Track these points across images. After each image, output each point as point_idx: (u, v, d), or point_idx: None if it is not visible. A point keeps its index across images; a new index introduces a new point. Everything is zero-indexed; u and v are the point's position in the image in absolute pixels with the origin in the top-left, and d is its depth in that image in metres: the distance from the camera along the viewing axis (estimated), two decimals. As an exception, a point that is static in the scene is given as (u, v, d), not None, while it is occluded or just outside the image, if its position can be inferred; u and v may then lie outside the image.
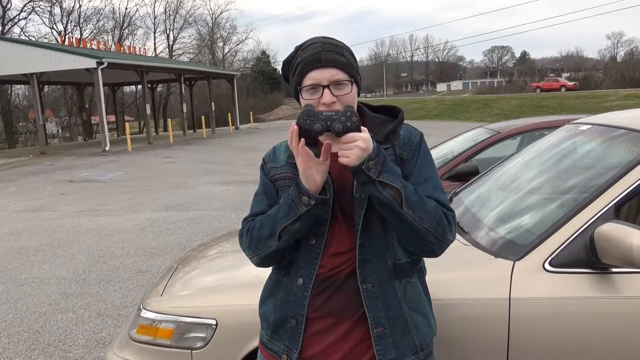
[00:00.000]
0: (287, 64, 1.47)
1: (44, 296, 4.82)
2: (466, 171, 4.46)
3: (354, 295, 1.43)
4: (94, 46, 24.55)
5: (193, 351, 2.11)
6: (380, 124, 1.49)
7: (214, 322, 2.08)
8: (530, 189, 2.59)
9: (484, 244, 2.13)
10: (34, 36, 41.00)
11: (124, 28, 47.01)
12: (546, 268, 1.88)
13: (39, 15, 57.97)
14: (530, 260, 1.91)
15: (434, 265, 2.04)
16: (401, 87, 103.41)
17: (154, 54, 46.15)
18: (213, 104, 28.85)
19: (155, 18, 63.39)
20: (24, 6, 38.53)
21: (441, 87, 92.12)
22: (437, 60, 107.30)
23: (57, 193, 10.81)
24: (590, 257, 1.84)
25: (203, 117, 27.55)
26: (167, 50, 51.39)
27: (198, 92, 37.24)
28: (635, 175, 1.92)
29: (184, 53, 52.35)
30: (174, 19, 51.61)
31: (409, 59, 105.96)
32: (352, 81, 1.41)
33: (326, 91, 1.37)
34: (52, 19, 43.20)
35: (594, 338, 1.84)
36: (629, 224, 1.76)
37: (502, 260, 1.96)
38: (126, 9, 64.25)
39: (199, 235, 6.59)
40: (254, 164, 14.05)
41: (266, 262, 1.52)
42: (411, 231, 1.36)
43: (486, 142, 4.88)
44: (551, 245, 1.90)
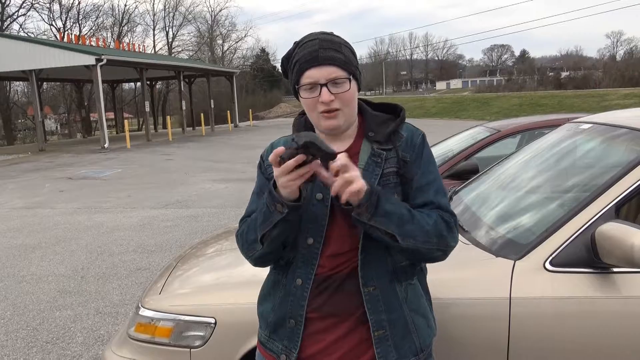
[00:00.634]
0: (286, 60, 1.45)
1: (42, 293, 4.81)
2: (466, 170, 4.45)
3: (353, 295, 1.41)
4: (93, 43, 24.52)
5: (192, 350, 2.10)
6: (381, 122, 1.47)
7: (212, 321, 2.07)
8: (530, 188, 2.58)
9: (484, 243, 2.12)
10: (32, 33, 41.11)
11: (123, 25, 46.98)
12: (547, 267, 1.87)
13: (38, 12, 57.90)
14: (530, 260, 1.90)
15: (434, 265, 2.03)
16: (400, 85, 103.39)
17: (153, 51, 46.10)
18: (212, 101, 28.85)
19: (154, 15, 63.46)
20: (23, 2, 38.49)
21: (440, 86, 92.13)
22: (437, 58, 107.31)
23: (55, 190, 10.80)
24: (591, 256, 1.83)
25: (202, 114, 27.54)
26: (167, 47, 51.35)
27: (197, 90, 37.24)
28: (636, 174, 1.92)
29: (183, 50, 52.38)
30: (173, 16, 51.61)
31: (408, 57, 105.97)
32: (351, 78, 1.38)
33: (324, 89, 1.35)
34: (51, 16, 43.29)
35: (594, 338, 1.83)
36: (630, 223, 1.75)
37: (503, 260, 1.95)
38: (125, 5, 64.24)
39: (197, 233, 6.58)
40: (252, 161, 14.04)
41: (260, 263, 1.49)
42: (413, 252, 1.36)
43: (486, 141, 4.87)
44: (552, 245, 1.89)
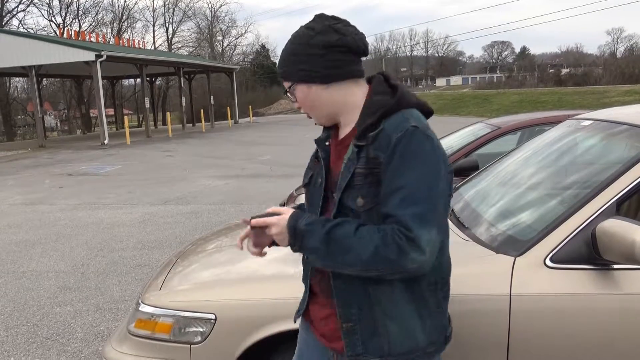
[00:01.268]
0: None
1: (42, 289, 4.81)
2: (466, 166, 4.43)
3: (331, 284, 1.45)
4: (92, 39, 24.50)
5: (192, 346, 2.10)
6: (371, 112, 1.36)
7: (212, 317, 2.07)
8: (531, 184, 2.58)
9: (485, 239, 2.12)
10: (32, 28, 40.98)
11: (122, 21, 46.83)
12: (547, 264, 1.87)
13: (37, 8, 57.69)
14: (531, 256, 1.90)
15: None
16: (401, 82, 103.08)
17: (153, 47, 46.04)
18: (212, 97, 28.82)
19: (154, 11, 63.39)
20: (23, -2, 38.35)
21: (441, 82, 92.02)
22: (437, 55, 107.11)
23: (55, 186, 10.79)
24: (591, 253, 1.83)
25: (202, 110, 27.50)
26: (166, 43, 51.23)
27: (197, 86, 37.16)
28: (638, 171, 1.91)
29: (183, 46, 52.21)
30: (173, 12, 51.44)
31: (408, 54, 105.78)
32: (293, 84, 1.42)
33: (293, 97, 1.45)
34: (51, 11, 43.18)
35: (595, 334, 1.83)
36: (631, 220, 1.75)
37: (503, 256, 1.95)
38: (125, 1, 63.84)
39: (197, 229, 6.58)
40: (252, 158, 14.04)
41: None
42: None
43: (486, 137, 4.86)
44: (552, 241, 1.89)
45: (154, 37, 51.58)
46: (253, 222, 1.42)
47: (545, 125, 4.59)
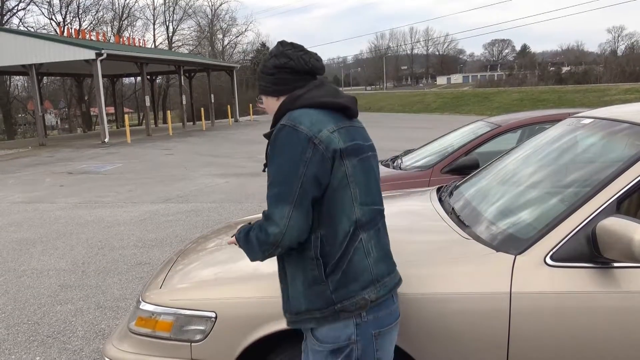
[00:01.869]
0: None
1: (43, 288, 4.81)
2: (466, 165, 4.44)
3: None
4: (93, 37, 24.45)
5: (192, 344, 2.11)
6: (280, 114, 1.73)
7: (213, 315, 2.07)
8: (531, 182, 2.58)
9: (485, 237, 2.12)
10: (32, 27, 40.93)
11: (123, 19, 46.81)
12: (547, 262, 1.87)
13: (37, 6, 57.47)
14: (531, 255, 1.90)
15: (435, 259, 2.04)
16: (401, 80, 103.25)
17: (153, 46, 45.98)
18: (212, 96, 28.79)
19: (154, 9, 63.44)
20: (23, -4, 38.33)
21: (441, 80, 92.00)
22: (438, 53, 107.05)
23: (56, 185, 10.80)
24: (591, 251, 1.83)
25: (202, 109, 27.48)
26: (167, 41, 51.22)
27: (197, 84, 37.12)
28: (638, 169, 1.91)
29: (183, 45, 52.18)
30: (174, 10, 51.41)
31: (409, 52, 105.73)
32: (263, 95, 1.79)
33: None
34: (51, 10, 43.20)
35: (594, 333, 1.83)
36: (631, 218, 1.75)
37: (503, 254, 1.95)
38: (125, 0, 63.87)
39: (198, 228, 6.59)
40: (253, 156, 14.04)
41: None
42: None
43: (487, 136, 4.85)
44: (553, 240, 1.89)
45: (154, 36, 51.71)
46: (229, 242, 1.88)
47: (546, 124, 4.58)
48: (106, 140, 19.52)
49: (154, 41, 49.96)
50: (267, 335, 2.02)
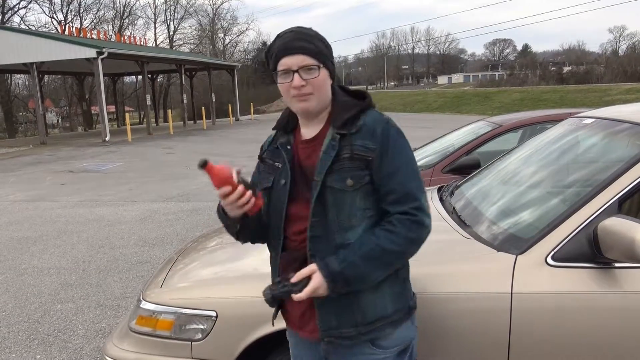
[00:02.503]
0: (267, 51, 1.60)
1: (43, 286, 4.82)
2: (467, 164, 4.43)
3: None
4: (94, 36, 24.43)
5: (193, 343, 2.11)
6: (347, 108, 1.57)
7: (213, 314, 2.07)
8: (532, 182, 2.57)
9: (486, 237, 2.11)
10: (33, 25, 40.99)
11: (124, 18, 46.84)
12: (548, 262, 1.87)
13: (38, 4, 57.36)
14: (532, 254, 1.90)
15: (435, 259, 2.03)
16: (402, 80, 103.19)
17: (154, 44, 45.97)
18: (213, 95, 28.78)
19: (155, 8, 63.23)
20: (24, -5, 38.34)
21: (442, 80, 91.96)
22: (439, 52, 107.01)
23: (56, 183, 10.80)
24: (593, 251, 1.83)
25: (203, 108, 27.49)
26: (168, 40, 51.24)
27: (198, 83, 37.13)
28: (639, 169, 1.91)
29: (184, 44, 52.20)
30: (175, 9, 51.42)
31: (410, 51, 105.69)
32: (320, 66, 1.52)
33: (296, 75, 1.50)
34: (52, 8, 43.18)
35: (595, 333, 1.83)
36: (632, 218, 1.75)
37: (504, 254, 1.94)
38: (126, -2, 63.71)
39: (198, 227, 6.59)
40: (254, 155, 13.91)
41: (249, 241, 1.71)
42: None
43: (488, 135, 4.85)
44: (554, 240, 1.89)
45: (155, 34, 51.55)
46: (299, 297, 1.49)
47: (547, 124, 4.58)
48: (107, 139, 19.53)
49: (155, 40, 50.02)
50: (268, 334, 2.02)
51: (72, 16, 42.69)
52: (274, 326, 1.79)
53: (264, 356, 2.11)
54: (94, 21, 44.15)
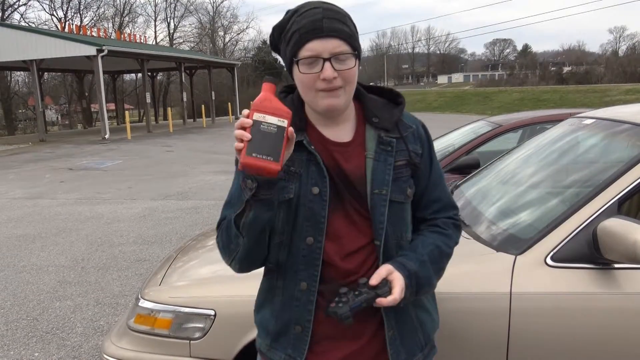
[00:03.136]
0: (278, 30, 1.28)
1: (42, 284, 4.81)
2: (467, 164, 4.43)
3: None
4: (94, 33, 24.43)
5: (191, 341, 2.10)
6: (382, 107, 1.36)
7: (212, 313, 2.07)
8: (532, 183, 2.57)
9: (485, 237, 2.11)
10: (33, 22, 40.89)
11: (124, 15, 46.79)
12: (548, 263, 1.87)
13: (38, 2, 57.88)
14: (532, 255, 1.89)
15: (435, 259, 2.03)
16: (402, 79, 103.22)
17: (154, 42, 45.95)
18: (213, 93, 28.78)
19: (155, 6, 63.49)
20: (24, -8, 38.28)
21: (442, 79, 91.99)
22: (439, 52, 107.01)
23: (56, 181, 10.79)
24: (592, 252, 1.82)
25: (203, 106, 27.50)
26: (168, 38, 51.17)
27: (198, 81, 37.10)
28: (639, 170, 1.91)
29: (184, 42, 52.17)
30: (175, 7, 51.40)
31: (410, 51, 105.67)
32: (356, 54, 1.24)
33: (327, 64, 1.20)
34: (52, 6, 42.94)
35: (595, 333, 1.83)
36: (632, 219, 1.74)
37: (504, 254, 1.94)
38: (127, -4, 63.68)
39: (197, 225, 6.58)
40: (253, 154, 14.01)
41: (245, 266, 1.33)
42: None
43: (488, 135, 4.85)
44: (553, 240, 1.89)
45: (155, 32, 51.59)
46: (389, 301, 1.23)
47: (547, 124, 4.58)
48: (106, 136, 19.52)
49: (155, 38, 49.98)
50: (266, 333, 2.02)
51: (72, 13, 42.71)
52: None
53: (262, 355, 2.11)
54: (94, 19, 44.17)
